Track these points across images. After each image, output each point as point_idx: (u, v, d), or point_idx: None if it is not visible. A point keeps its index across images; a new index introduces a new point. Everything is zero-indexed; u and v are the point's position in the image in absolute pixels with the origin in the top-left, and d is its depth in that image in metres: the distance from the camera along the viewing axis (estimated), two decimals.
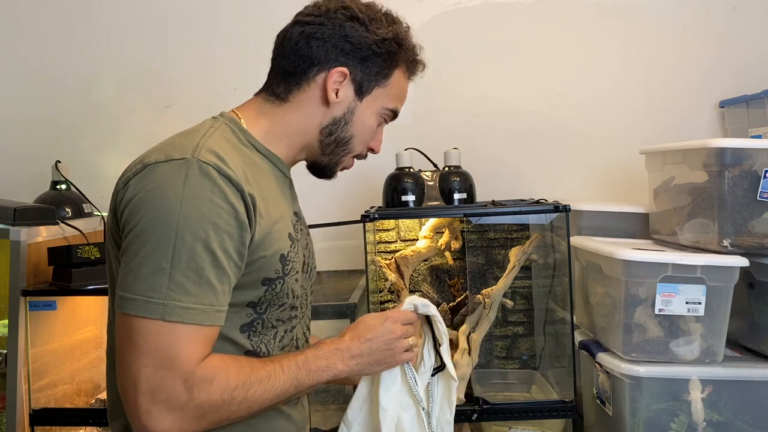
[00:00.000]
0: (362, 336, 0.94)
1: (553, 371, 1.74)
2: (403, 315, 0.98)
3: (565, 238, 1.56)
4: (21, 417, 1.51)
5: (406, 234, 1.91)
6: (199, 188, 0.80)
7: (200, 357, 0.79)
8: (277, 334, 0.94)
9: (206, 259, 0.79)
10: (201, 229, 0.79)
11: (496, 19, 1.97)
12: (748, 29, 1.93)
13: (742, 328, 1.45)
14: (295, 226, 0.97)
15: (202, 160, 0.81)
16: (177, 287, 0.77)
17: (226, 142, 0.89)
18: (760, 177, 1.34)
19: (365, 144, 1.02)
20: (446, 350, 1.06)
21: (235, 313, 0.87)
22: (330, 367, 0.91)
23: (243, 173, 0.85)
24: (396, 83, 1.00)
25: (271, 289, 0.89)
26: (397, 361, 0.96)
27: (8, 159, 2.04)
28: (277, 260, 0.89)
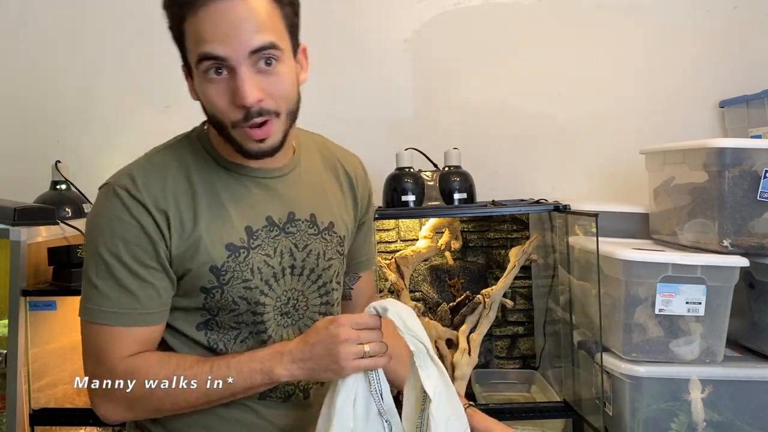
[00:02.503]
0: (307, 340, 0.90)
1: (553, 371, 1.75)
2: (356, 318, 0.90)
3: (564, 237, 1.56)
4: (21, 417, 1.51)
5: (406, 234, 1.91)
6: (110, 209, 0.91)
7: (125, 354, 0.91)
8: (239, 335, 0.97)
9: (122, 270, 0.90)
10: (113, 245, 0.90)
11: (496, 19, 1.97)
12: (748, 29, 1.93)
13: (742, 328, 1.46)
14: (256, 233, 0.95)
15: (116, 185, 0.92)
16: (101, 295, 0.91)
17: (162, 162, 0.94)
18: (760, 177, 1.34)
19: (220, 110, 0.88)
20: (425, 369, 0.90)
21: (190, 314, 0.96)
22: (266, 370, 0.90)
23: (161, 191, 0.91)
24: (190, 38, 0.87)
25: (210, 297, 0.94)
26: (344, 368, 0.87)
27: (8, 159, 2.04)
28: (207, 271, 0.92)
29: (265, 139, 0.89)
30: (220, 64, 0.85)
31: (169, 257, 0.92)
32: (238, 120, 0.87)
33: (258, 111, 0.86)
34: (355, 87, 1.99)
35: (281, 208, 0.99)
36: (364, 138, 1.95)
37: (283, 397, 1.00)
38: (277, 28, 0.87)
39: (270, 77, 0.87)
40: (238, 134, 0.89)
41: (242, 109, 0.86)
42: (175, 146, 0.98)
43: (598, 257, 1.40)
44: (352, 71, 1.99)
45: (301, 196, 1.01)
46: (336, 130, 1.08)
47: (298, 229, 1.00)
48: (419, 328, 0.91)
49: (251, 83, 0.85)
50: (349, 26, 1.99)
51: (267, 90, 0.87)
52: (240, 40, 0.84)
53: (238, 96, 0.85)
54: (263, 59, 0.86)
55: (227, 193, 0.95)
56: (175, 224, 0.91)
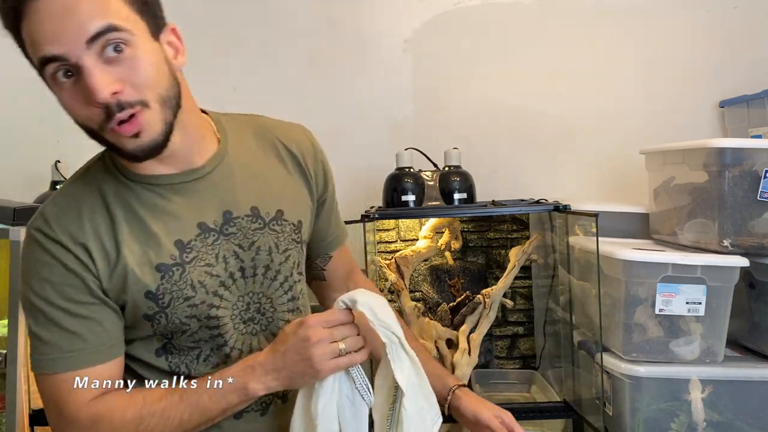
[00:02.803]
0: (277, 348, 0.85)
1: (553, 371, 1.75)
2: (325, 316, 0.85)
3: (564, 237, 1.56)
4: (21, 417, 1.51)
5: (406, 234, 1.91)
6: (31, 254, 0.87)
7: (85, 399, 0.85)
8: (201, 354, 0.92)
9: (58, 313, 0.85)
10: (42, 290, 0.85)
11: (496, 19, 1.97)
12: (748, 29, 1.93)
13: (742, 328, 1.46)
14: (190, 244, 0.89)
15: (31, 228, 0.88)
16: (45, 343, 0.86)
17: (75, 193, 0.89)
18: (760, 177, 1.34)
19: (83, 116, 0.79)
20: (396, 362, 0.87)
21: (147, 342, 0.92)
22: (239, 387, 0.85)
23: (76, 225, 0.86)
24: (28, 47, 0.80)
25: (156, 323, 0.88)
26: (321, 370, 0.83)
27: (8, 159, 2.03)
28: (144, 299, 0.86)
29: (139, 134, 0.79)
30: (63, 66, 0.76)
31: (103, 290, 0.86)
32: (102, 121, 0.78)
33: (118, 104, 0.76)
34: (355, 87, 1.99)
35: (214, 209, 0.91)
36: (364, 138, 1.95)
37: (260, 410, 0.96)
38: (118, 9, 0.76)
39: (123, 64, 0.76)
40: (110, 136, 0.80)
41: (101, 108, 0.76)
42: (89, 172, 0.92)
43: (598, 257, 1.39)
44: (352, 71, 1.99)
45: (236, 190, 0.93)
46: (336, 130, 1.08)
47: (239, 227, 0.92)
48: (391, 318, 0.87)
49: (100, 76, 0.75)
50: (349, 26, 1.99)
51: (123, 79, 0.77)
52: (72, 32, 0.74)
53: (90, 94, 0.75)
54: (109, 46, 0.75)
55: (147, 210, 0.88)
56: (98, 256, 0.85)
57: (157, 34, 0.83)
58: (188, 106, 0.89)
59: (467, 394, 1.09)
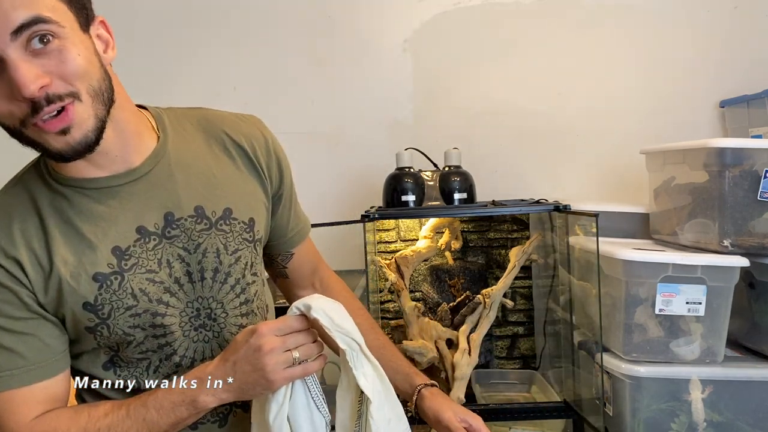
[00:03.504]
0: (227, 358, 0.81)
1: (553, 371, 1.75)
2: (278, 324, 0.80)
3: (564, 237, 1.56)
4: None
5: (406, 234, 1.91)
6: None
7: (27, 419, 0.82)
8: (150, 365, 0.89)
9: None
10: None
11: (496, 19, 1.97)
12: (749, 29, 1.93)
13: (742, 328, 1.45)
14: (129, 250, 0.84)
15: None
16: None
17: (6, 204, 0.85)
18: (761, 177, 1.34)
19: (3, 113, 0.75)
20: (356, 367, 0.82)
21: (93, 355, 0.88)
22: (188, 400, 0.81)
23: (7, 238, 0.81)
24: None
25: (99, 335, 0.84)
26: (274, 381, 0.78)
27: (8, 159, 2.03)
28: (82, 310, 0.82)
29: (68, 129, 0.75)
30: None
31: (39, 303, 0.82)
32: (26, 115, 0.73)
33: (46, 98, 0.72)
34: (355, 87, 1.99)
35: (153, 212, 0.86)
36: (364, 138, 1.95)
37: (218, 420, 0.92)
38: (44, 0, 0.72)
39: (51, 56, 0.72)
40: (34, 134, 0.76)
41: (27, 102, 0.72)
42: (21, 180, 0.88)
43: (598, 257, 1.39)
44: (352, 71, 1.99)
45: (178, 190, 0.87)
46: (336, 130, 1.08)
47: (183, 229, 0.87)
48: (349, 323, 0.82)
49: (27, 69, 0.70)
50: (349, 26, 1.99)
51: (51, 71, 0.72)
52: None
53: (16, 88, 0.70)
54: (35, 38, 0.71)
55: (81, 217, 0.83)
56: (31, 268, 0.81)
57: (87, 26, 0.78)
58: (121, 101, 0.84)
59: (433, 394, 1.04)
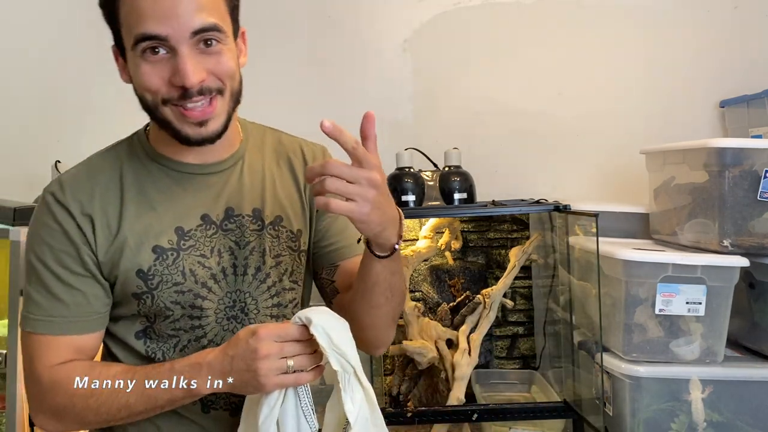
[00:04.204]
0: (227, 352, 0.83)
1: (553, 371, 1.75)
2: (278, 330, 0.81)
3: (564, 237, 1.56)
4: (21, 417, 1.51)
5: (406, 234, 1.91)
6: (39, 215, 0.91)
7: (52, 363, 0.88)
8: (179, 343, 0.93)
9: (50, 276, 0.89)
10: (41, 251, 0.89)
11: (496, 19, 1.97)
12: (749, 29, 1.93)
13: (742, 328, 1.46)
14: (189, 233, 0.91)
15: (46, 191, 0.92)
16: (32, 302, 0.90)
17: (96, 165, 0.94)
18: (761, 177, 1.34)
19: (153, 89, 0.85)
20: (348, 391, 0.82)
21: (129, 321, 0.93)
22: (186, 383, 0.84)
23: (87, 196, 0.90)
24: (126, 17, 0.85)
25: (142, 303, 0.91)
26: (265, 385, 0.80)
27: (8, 159, 2.03)
28: (134, 276, 0.89)
29: (206, 122, 0.85)
30: (159, 44, 0.82)
31: (97, 263, 0.89)
32: (173, 98, 0.84)
33: (200, 90, 0.83)
34: (355, 87, 1.99)
35: (218, 204, 0.94)
36: None
37: (230, 409, 0.95)
38: (218, 9, 0.85)
39: (211, 57, 0.84)
40: (171, 113, 0.85)
41: (179, 90, 0.83)
42: (114, 149, 0.97)
43: (598, 257, 1.39)
44: (352, 71, 1.99)
45: (244, 190, 0.96)
46: None
47: (238, 225, 0.94)
48: (348, 344, 0.82)
49: (193, 64, 0.82)
50: (349, 26, 1.99)
51: (210, 70, 0.84)
52: (181, 20, 0.80)
53: (179, 76, 0.82)
54: (204, 41, 0.83)
55: (159, 194, 0.92)
56: (100, 229, 0.89)
57: (236, 36, 0.91)
58: None
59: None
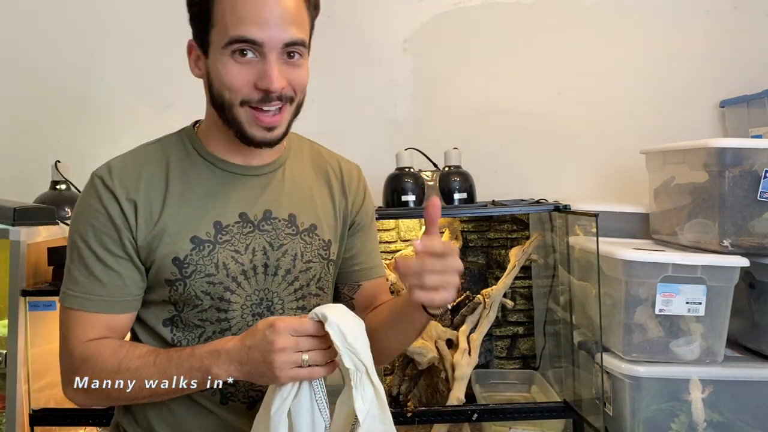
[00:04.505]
0: (244, 342, 0.85)
1: (553, 371, 1.75)
2: (294, 324, 0.83)
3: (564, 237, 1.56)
4: (21, 417, 1.51)
5: (406, 234, 1.91)
6: (86, 197, 0.96)
7: (85, 338, 0.93)
8: (203, 333, 0.96)
9: (90, 256, 0.94)
10: (84, 232, 0.94)
11: (496, 19, 1.97)
12: (748, 29, 1.93)
13: (742, 328, 1.46)
14: (226, 228, 0.95)
15: (95, 174, 0.97)
16: (72, 280, 0.95)
17: (144, 155, 0.99)
18: (761, 177, 1.34)
19: (236, 88, 0.90)
20: (357, 386, 0.83)
21: (158, 308, 0.97)
22: (203, 368, 0.87)
23: (134, 183, 0.95)
24: (221, 17, 0.89)
25: (174, 290, 0.95)
26: (279, 377, 0.82)
27: (8, 159, 2.03)
28: (170, 263, 0.93)
29: (273, 128, 0.93)
30: (251, 48, 0.89)
31: (136, 247, 0.94)
32: (251, 99, 0.90)
33: (278, 96, 0.90)
34: (355, 87, 1.99)
35: (258, 204, 0.99)
36: (364, 138, 1.95)
37: (247, 402, 0.98)
38: (305, 26, 0.93)
39: (293, 69, 0.92)
40: (244, 115, 0.91)
41: (261, 92, 0.90)
42: (163, 140, 1.02)
43: (598, 257, 1.40)
44: (352, 71, 1.99)
45: (282, 195, 1.01)
46: (336, 129, 1.08)
47: (275, 227, 0.99)
48: (362, 343, 0.84)
49: (279, 71, 0.90)
50: (349, 26, 1.99)
51: (289, 80, 0.92)
52: (278, 30, 0.88)
53: (266, 80, 0.89)
54: (289, 53, 0.91)
55: (202, 187, 0.97)
56: (142, 214, 0.94)
57: (308, 52, 0.97)
58: None
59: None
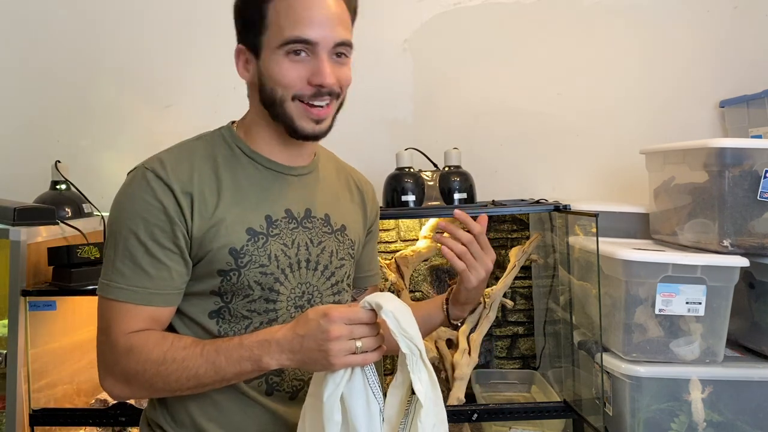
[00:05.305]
0: (297, 331, 0.87)
1: (553, 371, 1.75)
2: (348, 313, 0.86)
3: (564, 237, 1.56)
4: (21, 417, 1.51)
5: (406, 234, 1.91)
6: (136, 189, 0.95)
7: (129, 330, 0.94)
8: (250, 325, 0.98)
9: (139, 248, 0.94)
10: (134, 224, 0.94)
11: (496, 19, 1.97)
12: (749, 29, 1.93)
13: (742, 328, 1.46)
14: (276, 222, 1.00)
15: (146, 167, 0.97)
16: (116, 272, 0.94)
17: (190, 149, 1.01)
18: (760, 177, 1.34)
19: (290, 84, 0.95)
20: (416, 367, 0.87)
21: (203, 300, 0.98)
22: (254, 358, 0.88)
23: (187, 175, 0.96)
24: (276, 19, 0.95)
25: (227, 280, 0.96)
26: (333, 364, 0.85)
27: (8, 159, 2.04)
28: (226, 253, 0.95)
29: (322, 120, 0.98)
30: (305, 48, 0.94)
31: (189, 240, 0.95)
32: (303, 94, 0.95)
33: (329, 92, 0.96)
34: (355, 87, 1.95)
35: (300, 203, 1.04)
36: (364, 138, 1.95)
37: (291, 392, 1.01)
38: (350, 28, 1.00)
39: (341, 68, 0.98)
40: (295, 109, 0.96)
41: (314, 88, 0.95)
42: (204, 137, 1.04)
43: (598, 257, 1.40)
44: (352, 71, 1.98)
45: (318, 195, 1.07)
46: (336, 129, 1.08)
47: (314, 225, 1.05)
48: (414, 328, 0.88)
49: (331, 68, 0.96)
50: None
51: (337, 77, 0.97)
52: (331, 31, 0.95)
53: (320, 76, 0.94)
54: (338, 53, 0.97)
55: (249, 183, 1.00)
56: (198, 206, 0.95)
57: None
58: None
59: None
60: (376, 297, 0.87)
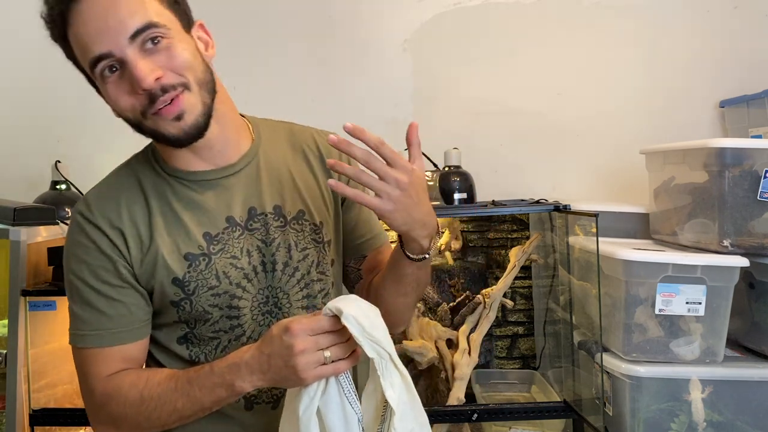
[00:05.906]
0: (262, 350, 0.83)
1: (553, 371, 1.75)
2: (310, 323, 0.81)
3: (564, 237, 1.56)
4: (21, 417, 1.51)
5: None
6: (73, 234, 0.95)
7: (105, 374, 0.92)
8: (219, 344, 0.96)
9: (91, 292, 0.92)
10: (79, 269, 0.93)
11: (496, 19, 1.97)
12: (749, 29, 1.93)
13: (742, 328, 1.46)
14: (217, 237, 0.94)
15: (74, 211, 0.96)
16: (78, 319, 0.94)
17: (116, 182, 0.97)
18: (761, 177, 1.34)
19: (128, 107, 0.86)
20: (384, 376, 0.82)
21: (171, 328, 0.97)
22: (226, 383, 0.85)
23: (115, 211, 0.93)
24: (75, 49, 0.89)
25: (181, 309, 0.94)
26: (305, 379, 0.80)
27: (8, 159, 2.04)
28: (171, 284, 0.92)
29: (181, 116, 0.87)
30: (111, 62, 0.85)
31: (134, 273, 0.93)
32: (145, 106, 0.85)
33: (162, 88, 0.85)
34: (355, 87, 1.99)
35: (240, 205, 0.97)
36: None
37: (272, 402, 0.98)
38: (153, 8, 0.86)
39: (161, 54, 0.85)
40: (153, 123, 0.87)
41: (144, 95, 0.85)
42: (130, 163, 1.00)
43: (598, 257, 1.39)
44: (352, 71, 1.99)
45: (262, 188, 0.98)
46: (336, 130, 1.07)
47: (262, 223, 0.97)
48: (381, 331, 0.82)
49: (143, 64, 0.84)
50: (349, 26, 1.99)
51: (163, 65, 0.85)
52: (114, 30, 0.83)
53: (136, 81, 0.83)
54: (148, 40, 0.85)
55: (181, 203, 0.95)
56: (132, 241, 0.92)
57: (188, 28, 0.92)
58: (222, 97, 0.95)
59: None
60: (337, 301, 0.82)
